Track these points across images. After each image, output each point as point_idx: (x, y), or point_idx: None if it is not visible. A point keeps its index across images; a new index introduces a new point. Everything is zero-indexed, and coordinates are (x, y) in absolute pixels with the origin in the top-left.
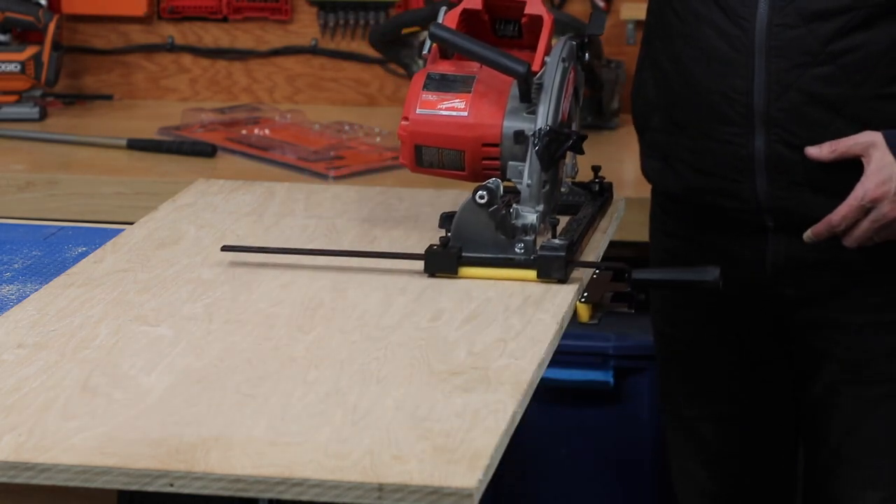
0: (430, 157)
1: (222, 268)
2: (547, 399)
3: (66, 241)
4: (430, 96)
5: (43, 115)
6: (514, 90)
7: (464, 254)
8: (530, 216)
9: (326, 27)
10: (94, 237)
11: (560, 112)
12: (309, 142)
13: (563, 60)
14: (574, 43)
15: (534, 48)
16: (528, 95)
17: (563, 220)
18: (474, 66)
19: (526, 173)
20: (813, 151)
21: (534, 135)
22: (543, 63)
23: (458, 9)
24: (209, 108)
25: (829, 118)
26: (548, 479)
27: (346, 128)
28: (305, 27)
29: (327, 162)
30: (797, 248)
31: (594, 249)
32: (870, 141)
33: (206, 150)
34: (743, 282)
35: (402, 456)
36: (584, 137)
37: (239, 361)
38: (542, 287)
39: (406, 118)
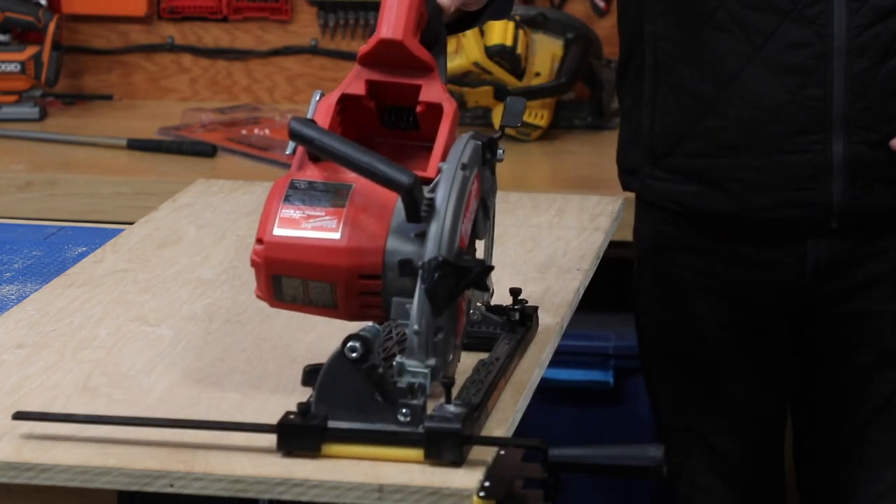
0: (293, 290)
1: (222, 268)
2: (547, 399)
3: (66, 241)
4: (292, 212)
5: (43, 115)
6: (401, 206)
7: (330, 423)
8: (418, 373)
9: (326, 27)
10: (94, 237)
11: (458, 236)
12: None
13: (464, 167)
14: (479, 143)
15: (434, 140)
16: (417, 214)
17: (473, 359)
18: (351, 173)
19: (414, 316)
20: None
21: (422, 267)
22: (439, 171)
23: (335, 94)
24: (209, 108)
25: None
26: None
27: None
28: (305, 27)
29: None
30: (837, 247)
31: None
32: None
33: (206, 150)
34: (779, 287)
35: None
36: (489, 269)
37: (239, 361)
38: (540, 286)
39: (260, 240)
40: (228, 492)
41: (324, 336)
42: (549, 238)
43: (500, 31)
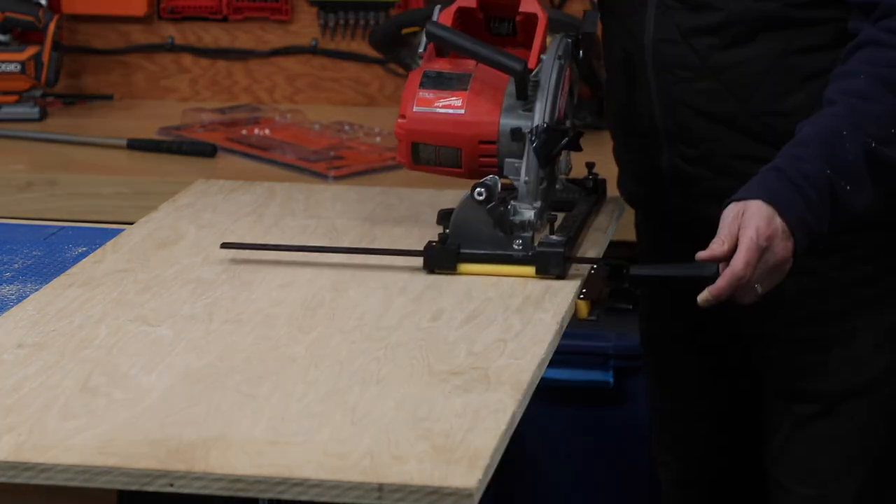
0: (427, 154)
1: (222, 268)
2: (547, 399)
3: (66, 241)
4: (426, 94)
5: (43, 115)
6: (511, 88)
7: (462, 250)
8: (528, 213)
9: (326, 27)
10: (94, 237)
11: (556, 109)
12: (309, 142)
13: (560, 58)
14: (569, 41)
15: (528, 46)
16: (525, 93)
17: (560, 217)
18: (470, 64)
19: (523, 170)
20: (704, 254)
21: (531, 132)
22: (539, 61)
23: (453, 7)
24: (209, 108)
25: (720, 132)
26: (548, 479)
27: (346, 128)
28: (305, 27)
29: (327, 162)
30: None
31: (590, 246)
32: (734, 208)
33: (206, 150)
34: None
35: (401, 456)
36: (580, 134)
37: (239, 361)
38: (541, 285)
39: (403, 116)
40: (228, 491)
41: (323, 336)
42: None
43: None
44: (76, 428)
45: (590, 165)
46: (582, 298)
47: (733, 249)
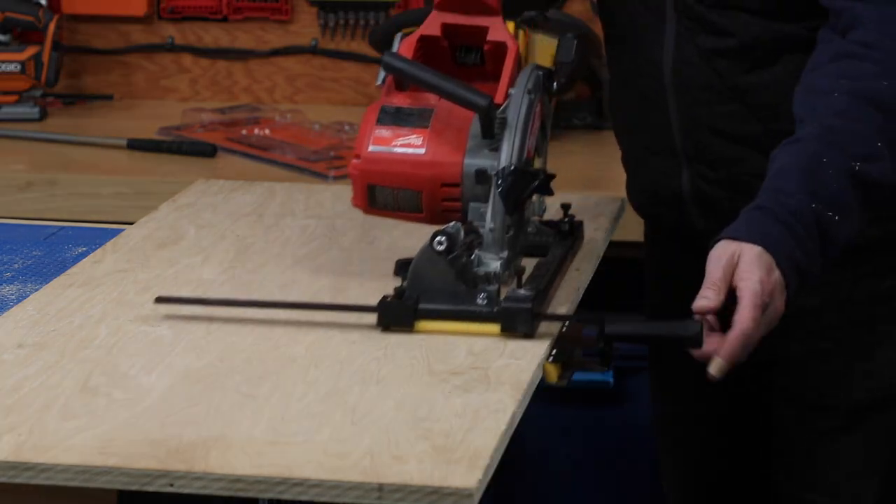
0: (385, 197)
1: (222, 268)
2: (547, 399)
3: (66, 241)
4: (383, 132)
5: (43, 115)
6: (476, 125)
7: (421, 305)
8: (493, 263)
9: (326, 27)
10: (94, 237)
11: (526, 149)
12: (309, 142)
13: (529, 92)
14: (540, 73)
15: (498, 77)
16: (491, 131)
17: (530, 264)
18: (432, 99)
19: (489, 216)
20: (703, 304)
21: (497, 174)
22: (507, 95)
23: (415, 35)
24: (209, 108)
25: (743, 153)
26: (548, 479)
27: (346, 128)
28: (305, 27)
29: (327, 162)
30: None
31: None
32: (726, 249)
33: (206, 150)
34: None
35: (401, 456)
36: (551, 176)
37: (239, 361)
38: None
39: (358, 156)
40: (228, 491)
41: (322, 338)
42: None
43: None
44: (76, 428)
45: (565, 207)
46: (552, 361)
47: (727, 298)
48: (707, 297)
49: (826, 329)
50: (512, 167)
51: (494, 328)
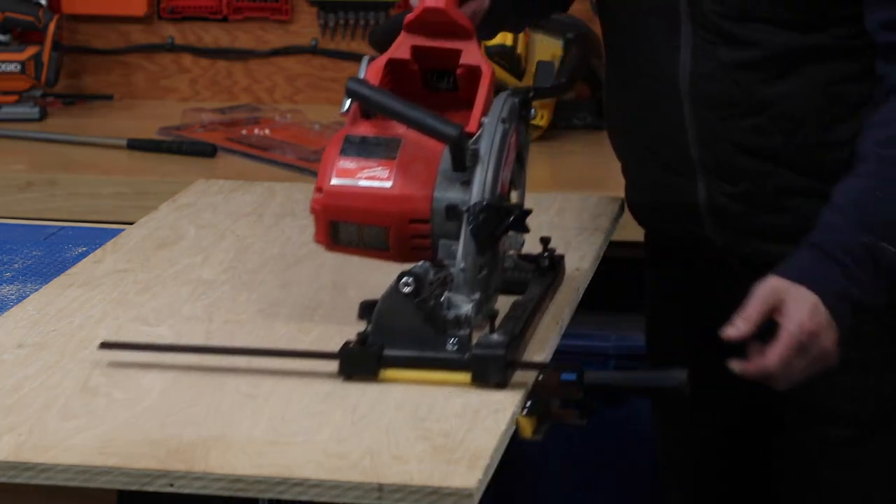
0: (349, 234)
1: (222, 268)
2: None
3: (66, 241)
4: (348, 163)
5: (43, 115)
6: (447, 157)
7: (386, 352)
8: (464, 306)
9: (326, 27)
10: (94, 237)
11: (499, 183)
12: (309, 142)
13: (504, 121)
14: (516, 100)
15: (473, 104)
16: (462, 163)
17: (507, 303)
18: (400, 128)
19: (460, 255)
20: (731, 332)
21: (468, 210)
22: (481, 125)
23: (383, 58)
24: (209, 108)
25: (765, 167)
26: (548, 479)
27: None
28: (305, 27)
29: None
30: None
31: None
32: (771, 287)
33: (206, 150)
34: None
35: (401, 456)
36: (527, 212)
37: (239, 361)
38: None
39: (319, 189)
40: (228, 491)
41: (323, 337)
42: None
43: None
44: (76, 428)
45: (545, 241)
46: (526, 414)
47: (757, 328)
48: (737, 327)
49: (854, 339)
50: (484, 203)
51: (465, 377)
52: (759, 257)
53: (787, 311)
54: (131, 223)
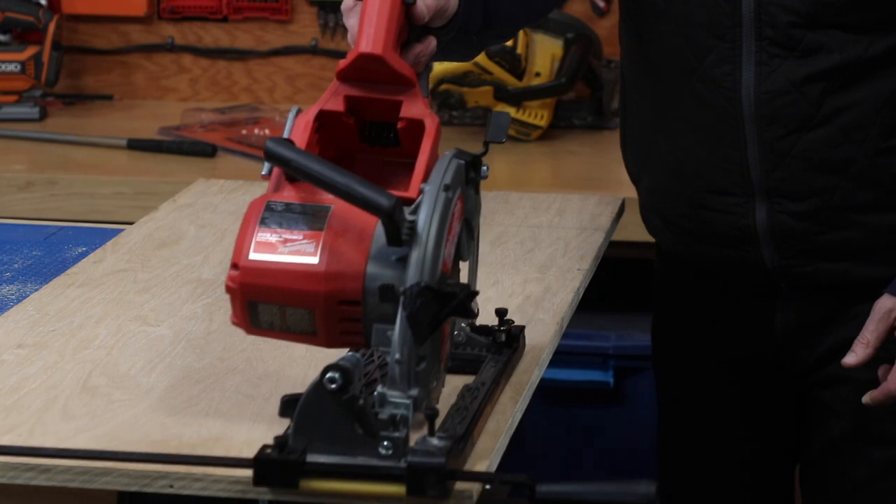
0: (270, 316)
1: (222, 268)
2: (547, 399)
3: (66, 241)
4: (268, 235)
5: (43, 115)
6: (381, 228)
7: (309, 458)
8: (400, 404)
9: (326, 27)
10: (94, 237)
11: (440, 261)
12: None
13: (447, 189)
14: (463, 162)
15: (415, 159)
16: (398, 238)
17: (457, 386)
18: (329, 194)
19: (395, 344)
20: (850, 360)
21: (403, 294)
22: (421, 191)
23: (312, 111)
24: (209, 108)
25: (833, 182)
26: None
27: None
28: (305, 27)
29: None
30: (807, 308)
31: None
32: (888, 308)
33: (206, 150)
34: (752, 346)
35: None
36: (473, 295)
37: (239, 361)
38: (540, 286)
39: (235, 265)
40: (228, 492)
41: None
42: (549, 238)
43: None
44: (76, 428)
45: (501, 313)
46: None
47: (876, 351)
48: (855, 353)
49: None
50: (422, 285)
51: (399, 489)
52: (817, 278)
53: None
54: (131, 223)
